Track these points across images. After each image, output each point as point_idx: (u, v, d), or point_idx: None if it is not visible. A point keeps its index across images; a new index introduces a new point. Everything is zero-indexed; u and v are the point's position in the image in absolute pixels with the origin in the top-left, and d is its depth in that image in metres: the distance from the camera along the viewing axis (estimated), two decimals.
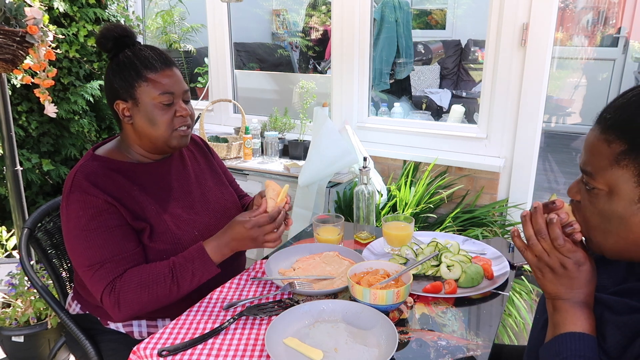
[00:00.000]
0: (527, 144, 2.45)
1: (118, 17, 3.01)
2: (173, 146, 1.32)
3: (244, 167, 2.67)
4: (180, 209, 1.35)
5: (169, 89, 1.27)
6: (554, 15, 2.28)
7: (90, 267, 1.19)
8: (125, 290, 1.18)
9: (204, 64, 3.78)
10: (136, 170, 1.32)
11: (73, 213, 1.20)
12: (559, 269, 0.84)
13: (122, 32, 1.29)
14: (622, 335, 0.78)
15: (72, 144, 2.89)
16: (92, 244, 1.19)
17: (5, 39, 1.75)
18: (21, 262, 1.44)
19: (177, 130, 1.30)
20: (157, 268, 1.21)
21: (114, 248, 1.20)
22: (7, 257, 2.52)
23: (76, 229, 1.20)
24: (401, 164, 2.73)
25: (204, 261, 1.21)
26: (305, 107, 2.86)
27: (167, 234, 1.28)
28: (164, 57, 1.30)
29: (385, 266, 1.26)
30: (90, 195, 1.20)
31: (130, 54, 1.28)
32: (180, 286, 1.20)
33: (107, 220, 1.20)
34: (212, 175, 1.52)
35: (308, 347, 1.02)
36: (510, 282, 1.32)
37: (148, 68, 1.26)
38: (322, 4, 5.81)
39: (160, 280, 1.19)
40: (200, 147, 1.56)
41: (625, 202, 0.75)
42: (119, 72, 1.27)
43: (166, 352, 1.03)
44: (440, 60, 6.01)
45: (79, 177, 1.23)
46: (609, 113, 0.77)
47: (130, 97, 1.27)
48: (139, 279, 1.19)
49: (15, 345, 2.03)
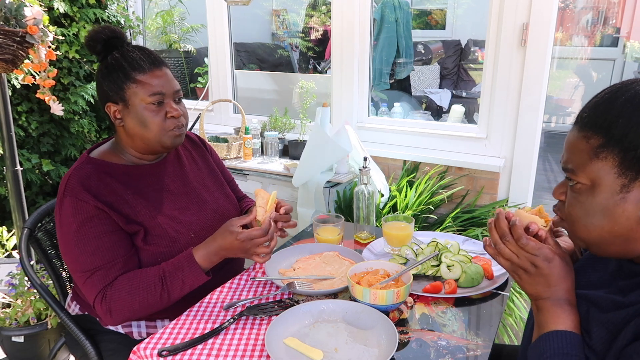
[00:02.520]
0: (527, 144, 2.45)
1: (118, 18, 3.01)
2: (166, 146, 1.30)
3: (244, 167, 2.67)
4: (177, 210, 1.34)
5: (159, 90, 1.25)
6: (553, 15, 2.28)
7: (82, 274, 1.20)
8: (116, 298, 1.18)
9: (204, 64, 3.78)
10: (131, 173, 1.31)
11: (64, 219, 1.20)
12: (531, 268, 0.87)
13: (111, 33, 1.27)
14: (607, 332, 0.79)
15: (72, 144, 2.90)
16: (82, 250, 1.19)
17: (5, 39, 1.75)
18: (21, 262, 1.44)
19: (171, 131, 1.28)
20: (148, 276, 1.20)
21: (104, 255, 1.19)
22: (7, 257, 2.52)
23: (68, 235, 1.20)
24: (401, 164, 2.73)
25: (193, 269, 1.20)
26: (305, 107, 2.86)
27: (162, 236, 1.27)
28: (153, 57, 1.28)
29: (385, 266, 1.26)
30: (82, 200, 1.19)
31: (118, 56, 1.26)
32: (171, 293, 1.20)
33: (97, 227, 1.19)
34: (209, 174, 1.50)
35: (308, 347, 1.02)
36: (510, 282, 1.32)
37: (136, 69, 1.24)
38: (322, 4, 5.81)
39: (151, 288, 1.18)
40: (198, 145, 1.54)
41: (607, 194, 0.77)
42: (108, 75, 1.26)
43: (166, 352, 1.03)
44: (440, 60, 6.01)
45: (72, 181, 1.22)
46: (585, 112, 0.81)
47: (121, 99, 1.25)
48: (130, 287, 1.18)
49: (15, 345, 2.03)
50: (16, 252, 2.54)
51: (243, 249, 1.20)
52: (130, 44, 1.32)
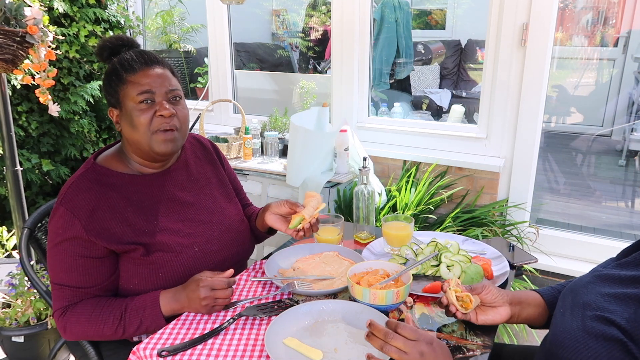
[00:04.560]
0: (527, 144, 2.45)
1: (118, 18, 3.01)
2: (158, 152, 1.24)
3: (244, 167, 2.67)
4: (180, 222, 1.30)
5: (147, 88, 1.20)
6: (553, 15, 2.28)
7: (54, 284, 1.21)
8: (74, 321, 1.18)
9: (204, 64, 3.78)
10: (135, 184, 1.28)
11: (54, 227, 1.19)
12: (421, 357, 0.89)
13: (117, 41, 1.27)
14: None
15: (72, 144, 2.90)
16: (59, 263, 1.19)
17: (5, 39, 1.75)
18: (21, 262, 1.45)
19: (156, 133, 1.22)
20: (110, 307, 1.18)
21: (77, 277, 1.19)
22: (7, 257, 2.52)
23: (51, 243, 1.20)
24: (401, 164, 2.73)
25: (155, 313, 1.17)
26: (305, 107, 2.86)
27: (165, 251, 1.24)
28: (146, 57, 1.25)
29: (385, 266, 1.26)
30: (74, 216, 1.17)
31: (115, 60, 1.26)
32: (126, 330, 1.18)
33: (78, 248, 1.18)
34: (218, 184, 1.46)
35: (308, 348, 1.02)
36: (510, 281, 1.32)
37: (127, 70, 1.22)
38: (322, 4, 5.81)
39: (109, 321, 1.17)
40: (209, 152, 1.50)
41: None
42: (106, 80, 1.26)
43: (166, 352, 1.03)
44: (440, 60, 6.01)
45: (72, 191, 1.20)
46: None
47: (117, 103, 1.24)
48: (90, 314, 1.18)
49: (15, 345, 2.03)
50: (16, 252, 2.54)
51: (200, 296, 1.14)
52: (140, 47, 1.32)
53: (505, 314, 1.10)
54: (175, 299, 1.18)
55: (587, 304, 0.93)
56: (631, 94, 5.01)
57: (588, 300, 0.93)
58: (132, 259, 1.23)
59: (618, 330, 0.84)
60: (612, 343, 0.83)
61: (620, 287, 0.91)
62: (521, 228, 2.47)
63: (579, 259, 2.53)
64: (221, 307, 1.18)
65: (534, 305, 1.13)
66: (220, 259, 1.33)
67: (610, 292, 0.92)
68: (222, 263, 1.33)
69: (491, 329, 1.12)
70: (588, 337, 0.86)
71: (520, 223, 2.45)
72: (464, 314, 1.08)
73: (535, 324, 1.16)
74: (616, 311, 0.87)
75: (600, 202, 3.88)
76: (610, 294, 0.91)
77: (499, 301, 1.10)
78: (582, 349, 0.86)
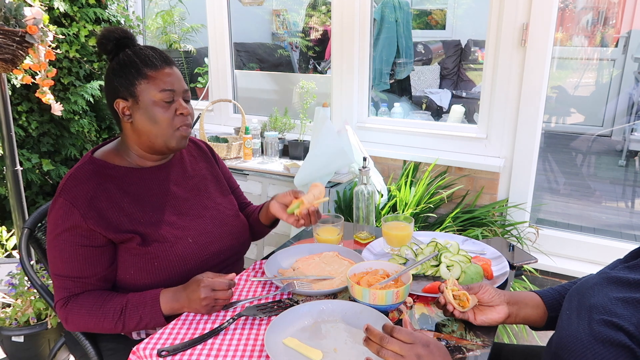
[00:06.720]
0: (527, 144, 2.45)
1: (118, 17, 3.01)
2: (171, 147, 1.30)
3: (244, 167, 2.67)
4: (176, 215, 1.34)
5: (170, 87, 1.26)
6: (553, 15, 2.28)
7: (55, 275, 1.22)
8: (75, 312, 1.20)
9: (204, 64, 3.78)
10: (132, 176, 1.31)
11: (53, 219, 1.22)
12: (418, 359, 0.89)
13: (123, 34, 1.29)
14: None
15: (72, 144, 2.89)
16: (59, 254, 1.21)
17: (5, 39, 1.75)
18: (21, 262, 1.45)
19: (178, 129, 1.29)
20: (111, 302, 1.20)
21: (79, 267, 1.20)
22: (7, 257, 2.52)
23: (52, 235, 1.22)
24: (401, 164, 2.73)
25: (154, 312, 1.19)
26: (305, 107, 2.86)
27: (160, 242, 1.27)
28: (164, 56, 1.30)
29: (385, 266, 1.26)
30: (73, 206, 1.19)
31: (130, 53, 1.28)
32: (126, 326, 1.20)
33: (79, 237, 1.20)
34: (213, 181, 1.49)
35: (307, 348, 1.02)
36: (510, 282, 1.32)
37: (148, 66, 1.26)
38: (322, 4, 5.81)
39: (109, 315, 1.19)
40: (204, 152, 1.54)
41: None
42: (120, 71, 1.27)
43: (166, 352, 1.03)
44: (440, 61, 6.01)
45: (70, 182, 1.23)
46: None
47: (131, 95, 1.26)
48: (91, 306, 1.20)
49: (15, 345, 2.03)
50: (16, 252, 2.54)
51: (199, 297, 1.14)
52: (140, 45, 1.34)
53: (503, 313, 1.10)
54: (175, 299, 1.19)
55: (595, 306, 0.92)
56: (631, 94, 5.01)
57: (595, 303, 0.92)
58: (128, 249, 1.25)
59: (626, 336, 0.82)
60: (619, 349, 0.82)
61: (629, 291, 0.90)
62: (521, 228, 2.47)
63: (579, 259, 2.53)
64: (220, 307, 1.19)
65: (532, 306, 1.13)
66: (214, 250, 1.36)
67: (618, 296, 0.90)
68: (217, 255, 1.36)
69: (491, 329, 1.12)
70: (594, 341, 0.85)
71: (520, 223, 2.45)
72: (461, 312, 1.09)
73: (534, 325, 1.16)
74: (624, 316, 0.85)
75: (600, 203, 3.88)
76: (619, 298, 0.90)
77: (496, 300, 1.10)
78: (588, 353, 0.85)
